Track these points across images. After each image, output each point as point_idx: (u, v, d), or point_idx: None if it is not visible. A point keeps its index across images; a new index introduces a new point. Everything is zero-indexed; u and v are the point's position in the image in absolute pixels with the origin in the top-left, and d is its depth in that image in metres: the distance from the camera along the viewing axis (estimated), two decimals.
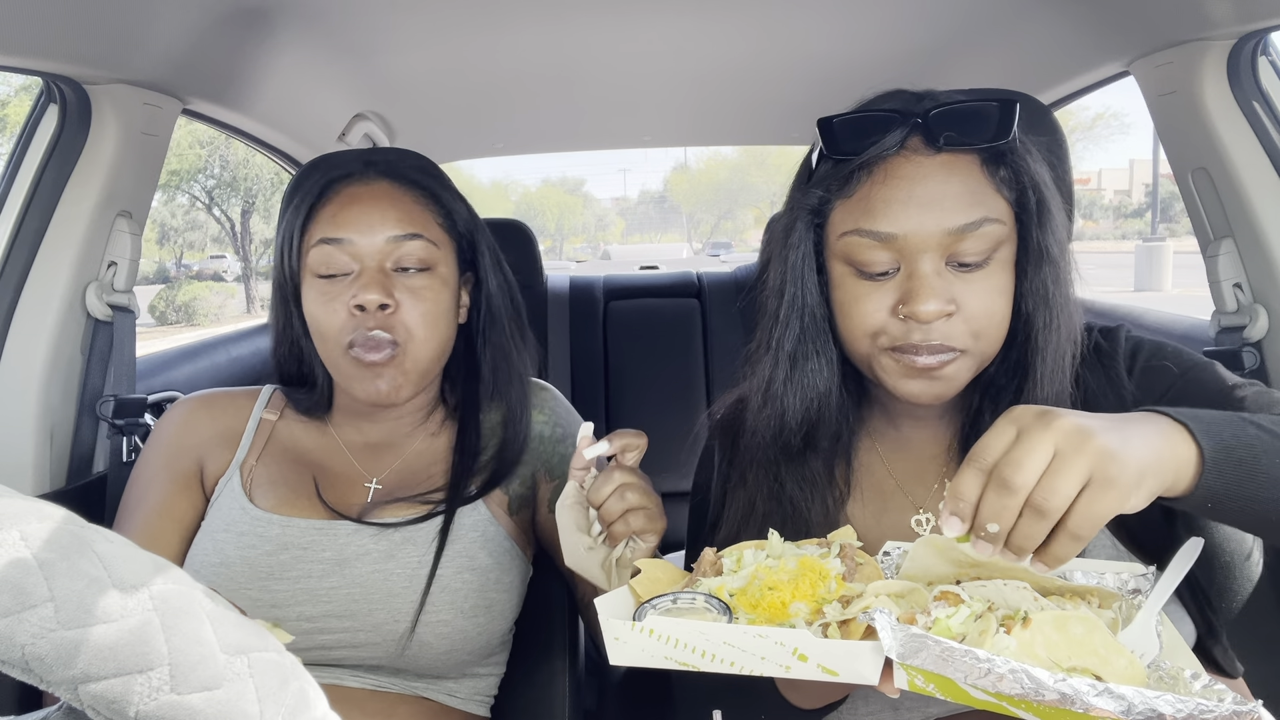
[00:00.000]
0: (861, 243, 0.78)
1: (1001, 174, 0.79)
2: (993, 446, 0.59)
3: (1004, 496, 0.57)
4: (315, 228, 1.01)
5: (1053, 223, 0.80)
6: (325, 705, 0.48)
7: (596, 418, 2.23)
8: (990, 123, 0.78)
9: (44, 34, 1.07)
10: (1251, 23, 1.18)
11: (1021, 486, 0.56)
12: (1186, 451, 0.61)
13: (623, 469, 0.85)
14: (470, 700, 1.05)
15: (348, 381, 1.01)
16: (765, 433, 0.87)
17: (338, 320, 0.98)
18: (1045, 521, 0.56)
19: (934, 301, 0.75)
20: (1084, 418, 0.58)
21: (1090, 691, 0.52)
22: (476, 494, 1.05)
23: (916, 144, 0.78)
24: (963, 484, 0.59)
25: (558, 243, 46.98)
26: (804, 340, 0.85)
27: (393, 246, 1.00)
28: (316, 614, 0.96)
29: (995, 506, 0.57)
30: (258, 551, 0.97)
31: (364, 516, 1.01)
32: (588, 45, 1.75)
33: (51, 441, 1.25)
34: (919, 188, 0.77)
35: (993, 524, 0.57)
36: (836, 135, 0.81)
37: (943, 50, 1.75)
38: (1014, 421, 0.59)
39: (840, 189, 0.81)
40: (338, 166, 1.06)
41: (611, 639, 0.65)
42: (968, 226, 0.76)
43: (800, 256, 0.84)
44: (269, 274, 4.22)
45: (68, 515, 0.45)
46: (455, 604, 0.98)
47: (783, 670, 0.61)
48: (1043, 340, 0.80)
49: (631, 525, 0.83)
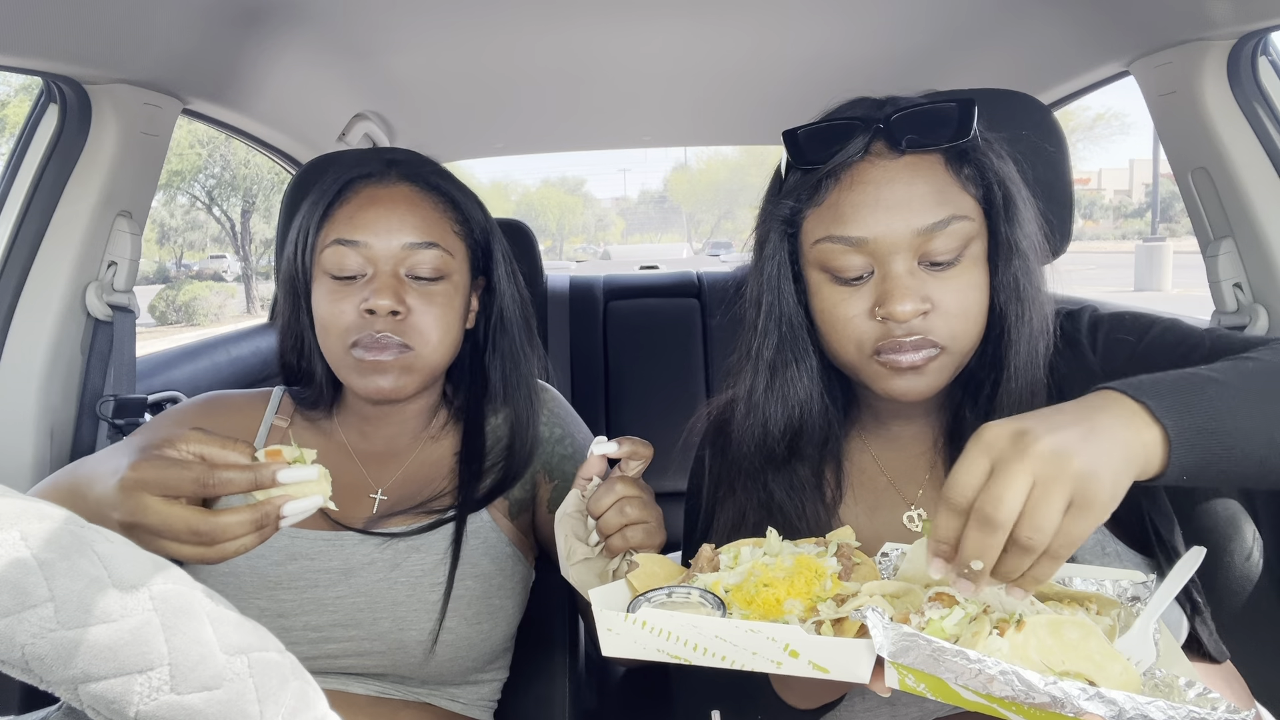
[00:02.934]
0: (834, 249, 0.79)
1: (966, 172, 0.80)
2: (966, 483, 0.58)
3: (987, 535, 0.56)
4: (331, 226, 1.00)
5: (1020, 216, 0.81)
6: (325, 705, 0.48)
7: (596, 418, 2.24)
8: (950, 123, 0.79)
9: (44, 34, 1.07)
10: (1251, 23, 1.18)
11: (1004, 523, 0.56)
12: (1151, 435, 0.59)
13: (625, 481, 0.84)
14: (473, 705, 1.05)
15: (350, 378, 1.00)
16: (750, 442, 0.88)
17: (345, 320, 0.97)
18: (1031, 555, 0.56)
19: (909, 301, 0.76)
20: (1060, 432, 0.57)
21: (1081, 695, 0.52)
22: (481, 502, 1.04)
23: (880, 148, 0.80)
24: (942, 526, 0.59)
25: (558, 243, 46.98)
26: (783, 349, 0.86)
27: (408, 253, 0.99)
28: (323, 623, 0.95)
29: (979, 545, 0.57)
30: (266, 561, 0.96)
31: (370, 527, 1.00)
32: (588, 45, 1.75)
33: (51, 441, 1.25)
34: (885, 190, 0.78)
35: (977, 562, 0.57)
36: (802, 146, 0.82)
37: (943, 50, 1.75)
38: (985, 450, 0.58)
39: (810, 198, 0.82)
40: (359, 165, 1.04)
41: (605, 629, 0.65)
42: (936, 225, 0.77)
43: (776, 266, 0.85)
44: (269, 274, 4.14)
45: (68, 515, 0.45)
46: (459, 611, 0.97)
47: (774, 666, 0.61)
48: (1016, 333, 0.81)
49: (629, 539, 0.83)
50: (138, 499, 0.68)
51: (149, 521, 0.69)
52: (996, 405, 0.83)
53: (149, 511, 0.68)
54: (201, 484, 0.69)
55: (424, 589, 0.97)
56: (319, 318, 1.00)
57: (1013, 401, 0.82)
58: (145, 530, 0.69)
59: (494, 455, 1.08)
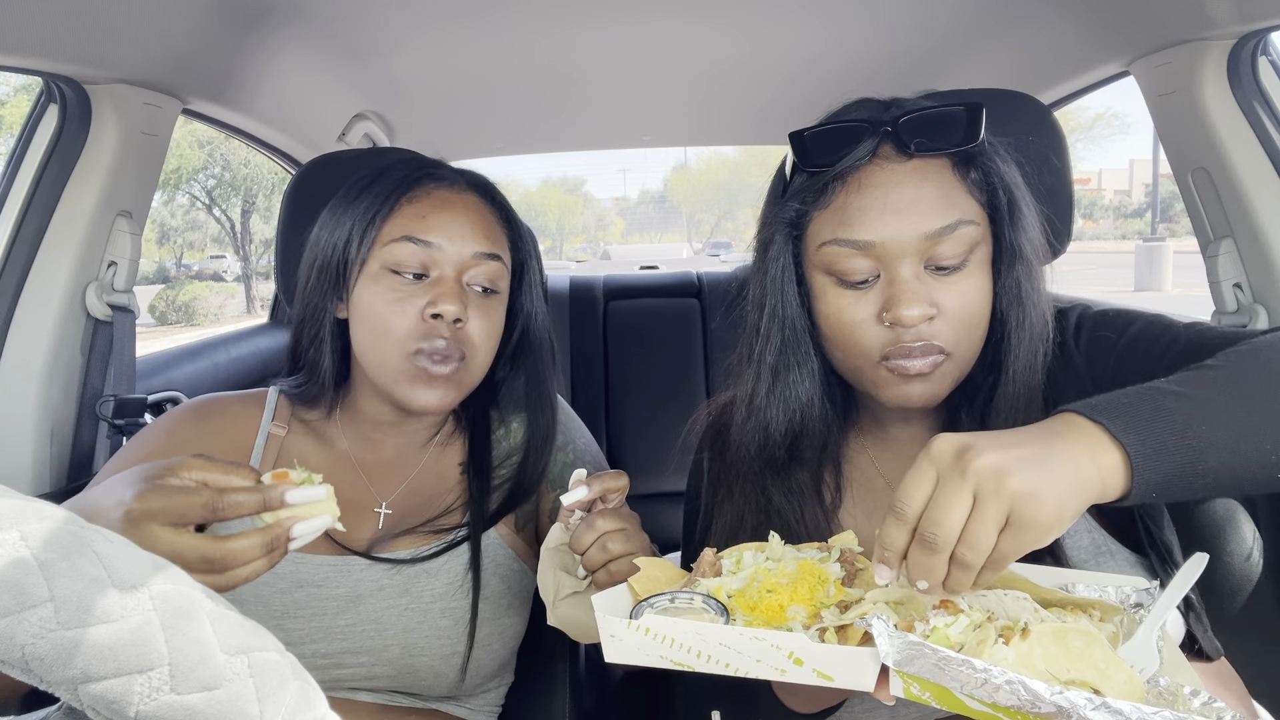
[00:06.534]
0: (840, 252, 0.79)
1: (972, 176, 0.80)
2: (913, 495, 0.59)
3: (929, 555, 0.58)
4: (399, 221, 0.97)
5: (1024, 221, 0.81)
6: (325, 705, 0.48)
7: (596, 418, 2.24)
8: (959, 127, 0.79)
9: (44, 34, 1.07)
10: (1251, 23, 1.18)
11: (944, 545, 0.57)
12: (1110, 458, 0.59)
13: (606, 515, 0.83)
14: (479, 712, 1.05)
15: (400, 384, 0.95)
16: (750, 446, 0.88)
17: (407, 322, 0.94)
18: (970, 571, 0.58)
19: (916, 306, 0.76)
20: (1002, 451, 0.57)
21: (1087, 705, 0.52)
22: (491, 520, 1.03)
23: (888, 152, 0.79)
24: (888, 534, 0.60)
25: (558, 243, 46.98)
26: (785, 352, 0.85)
27: (474, 262, 0.97)
28: (332, 650, 0.94)
29: (923, 565, 0.59)
30: (271, 589, 0.94)
31: (377, 548, 0.98)
32: (588, 45, 1.75)
33: (51, 441, 1.25)
34: (893, 194, 0.78)
35: (922, 581, 0.60)
36: (809, 148, 0.82)
37: (943, 50, 1.75)
38: (933, 462, 0.60)
39: (816, 200, 0.82)
40: (427, 165, 1.03)
41: (608, 636, 0.65)
42: (943, 230, 0.77)
43: (780, 269, 0.85)
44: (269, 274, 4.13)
45: (68, 515, 0.45)
46: (469, 634, 0.97)
47: (778, 674, 0.61)
48: (1016, 338, 0.81)
49: (614, 574, 0.82)
50: (145, 530, 0.67)
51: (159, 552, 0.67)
52: (993, 409, 0.82)
53: (159, 542, 0.67)
54: (211, 509, 0.68)
55: (434, 615, 0.96)
56: (373, 314, 0.96)
57: (1009, 406, 0.81)
58: None
59: (502, 468, 1.07)
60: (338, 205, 1.01)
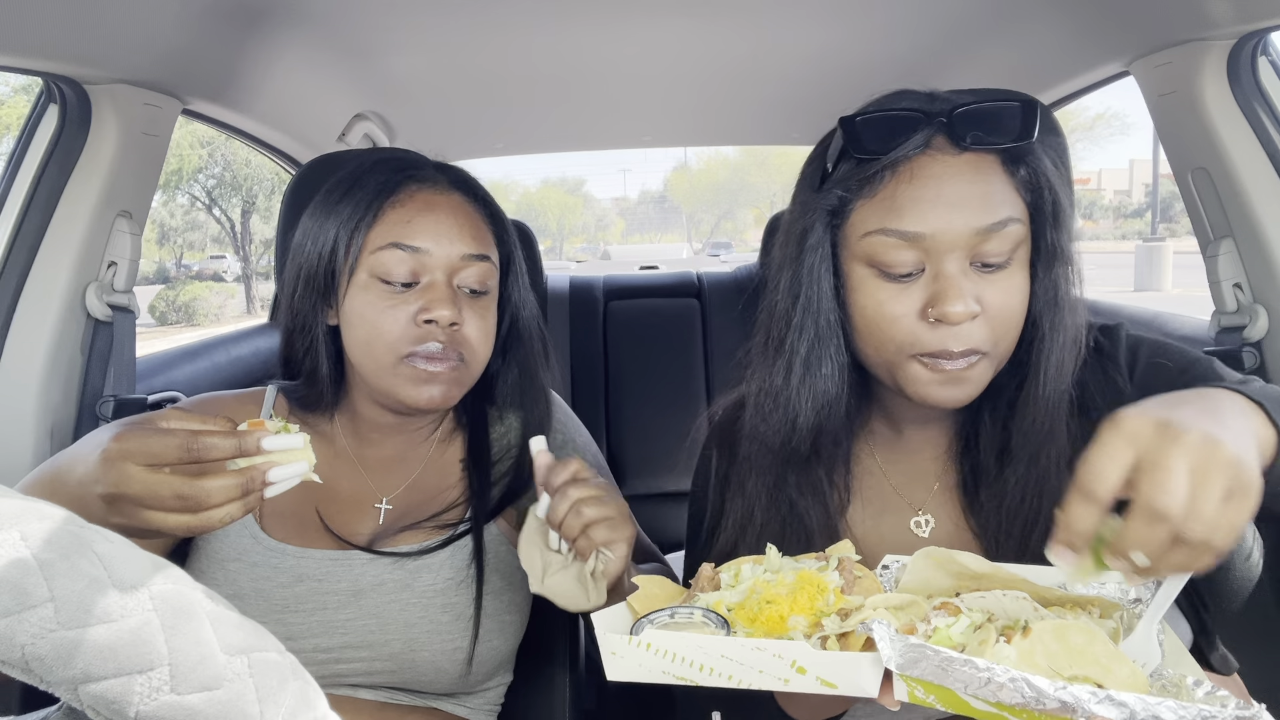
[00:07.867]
0: (887, 242, 0.77)
1: (1021, 174, 0.79)
2: (1108, 474, 0.56)
3: (1155, 528, 0.54)
4: (384, 228, 0.95)
5: (1065, 222, 0.80)
6: (325, 705, 0.48)
7: (596, 418, 2.24)
8: (1014, 123, 0.77)
9: (44, 34, 1.07)
10: (1251, 23, 1.18)
11: (1176, 515, 0.53)
12: (1268, 433, 0.60)
13: (577, 483, 0.83)
14: (479, 711, 1.05)
15: (398, 386, 0.95)
16: (773, 438, 0.86)
17: (398, 329, 0.94)
18: (1192, 548, 0.54)
19: (962, 302, 0.75)
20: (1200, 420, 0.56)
21: (1091, 699, 0.52)
22: (491, 514, 1.03)
23: (941, 143, 0.78)
24: (1075, 516, 0.57)
25: (558, 243, 46.96)
26: (818, 344, 0.83)
27: (464, 264, 0.97)
28: (333, 645, 0.94)
29: (1145, 538, 0.54)
30: (272, 584, 0.94)
31: (378, 543, 0.99)
32: (588, 45, 1.75)
33: (51, 441, 1.25)
34: (947, 187, 0.76)
35: (1140, 556, 0.55)
36: (860, 135, 0.79)
37: (943, 50, 1.75)
38: (1130, 440, 0.56)
39: (861, 189, 0.79)
40: (407, 165, 1.01)
41: (609, 654, 0.65)
42: (994, 226, 0.76)
43: (818, 259, 0.82)
44: (269, 274, 4.14)
45: (68, 515, 0.45)
46: (470, 630, 0.97)
47: (781, 684, 0.60)
48: (1050, 341, 0.80)
49: (594, 539, 0.82)
50: (121, 468, 0.67)
51: (133, 490, 0.67)
52: (1019, 413, 0.81)
53: (133, 480, 0.67)
54: (186, 449, 0.68)
55: (436, 610, 0.96)
56: (365, 325, 0.95)
57: (1038, 410, 0.80)
58: (129, 501, 0.68)
59: (502, 462, 1.07)
60: (318, 211, 1.00)
